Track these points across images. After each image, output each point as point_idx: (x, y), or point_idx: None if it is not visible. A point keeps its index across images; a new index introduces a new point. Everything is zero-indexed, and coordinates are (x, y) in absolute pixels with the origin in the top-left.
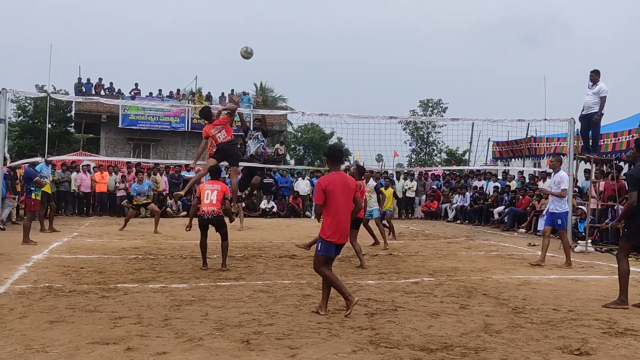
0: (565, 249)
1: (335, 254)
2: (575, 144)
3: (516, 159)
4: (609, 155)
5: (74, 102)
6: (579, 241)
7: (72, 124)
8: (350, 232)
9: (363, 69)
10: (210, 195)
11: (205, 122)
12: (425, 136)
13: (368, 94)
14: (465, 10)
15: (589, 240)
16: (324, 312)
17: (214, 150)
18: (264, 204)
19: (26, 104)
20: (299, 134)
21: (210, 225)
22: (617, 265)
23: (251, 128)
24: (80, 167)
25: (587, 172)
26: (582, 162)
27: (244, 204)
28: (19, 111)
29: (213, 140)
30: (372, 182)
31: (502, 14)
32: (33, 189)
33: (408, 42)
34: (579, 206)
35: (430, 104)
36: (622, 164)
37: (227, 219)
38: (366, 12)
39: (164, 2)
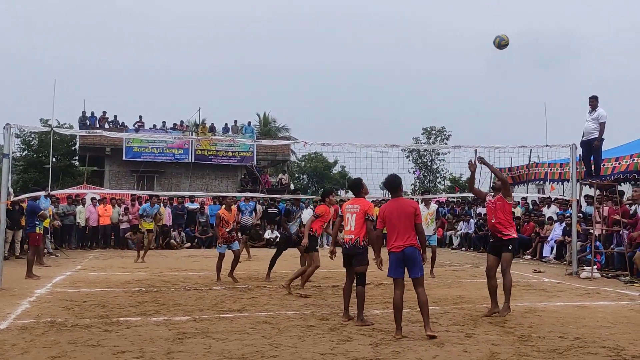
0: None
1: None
2: (578, 169)
3: (518, 186)
4: (608, 178)
5: (78, 136)
6: (585, 267)
7: (77, 157)
8: None
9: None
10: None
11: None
12: (428, 164)
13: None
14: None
15: (595, 266)
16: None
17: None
18: (268, 234)
19: (30, 139)
20: (303, 163)
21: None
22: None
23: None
24: (89, 200)
25: (588, 197)
26: (587, 187)
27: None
28: (24, 146)
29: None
30: (433, 206)
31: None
32: (37, 223)
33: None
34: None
35: (433, 132)
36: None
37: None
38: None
39: (166, 35)
